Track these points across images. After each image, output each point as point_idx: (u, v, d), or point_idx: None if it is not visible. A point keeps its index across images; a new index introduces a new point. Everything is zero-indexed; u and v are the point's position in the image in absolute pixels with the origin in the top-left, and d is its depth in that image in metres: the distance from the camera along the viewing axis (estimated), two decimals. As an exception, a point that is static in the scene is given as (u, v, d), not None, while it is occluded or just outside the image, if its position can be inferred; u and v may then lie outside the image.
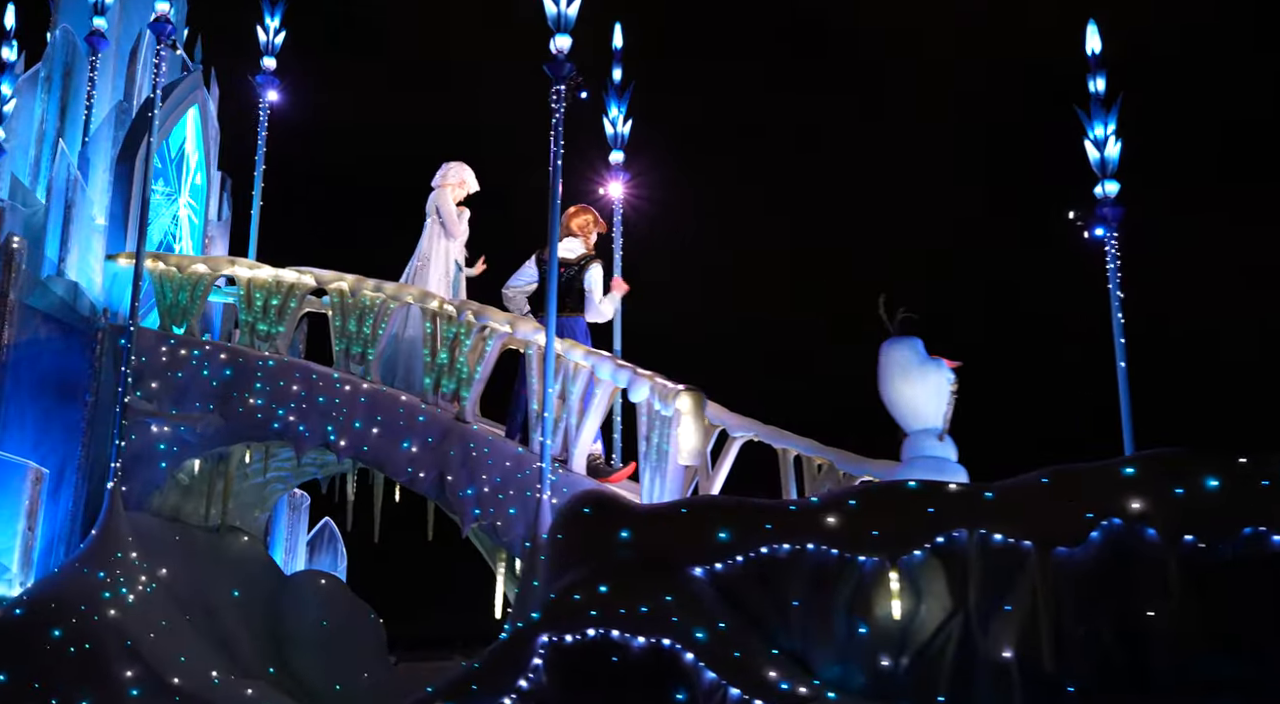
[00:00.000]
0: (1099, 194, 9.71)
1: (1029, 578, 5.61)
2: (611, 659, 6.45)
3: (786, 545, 6.20)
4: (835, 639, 6.05)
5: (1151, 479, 5.52)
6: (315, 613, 10.83)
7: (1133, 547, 5.43)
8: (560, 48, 9.02)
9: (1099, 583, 5.48)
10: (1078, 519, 5.51)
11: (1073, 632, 5.46)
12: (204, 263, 10.99)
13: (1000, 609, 5.66)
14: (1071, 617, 5.48)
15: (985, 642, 5.72)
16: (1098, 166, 9.76)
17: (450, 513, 9.68)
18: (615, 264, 11.57)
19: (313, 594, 11.02)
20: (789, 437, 9.33)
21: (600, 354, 8.91)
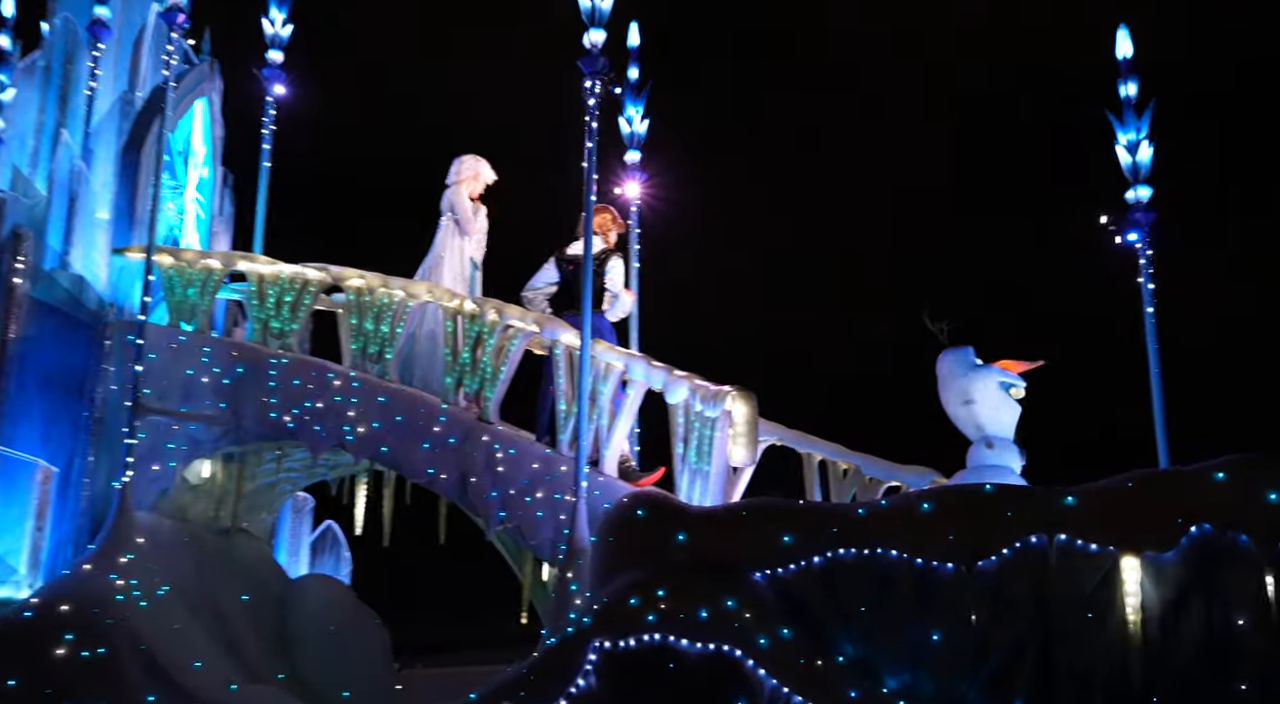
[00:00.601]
0: (1130, 199, 9.65)
1: (1113, 585, 5.49)
2: (668, 666, 6.28)
3: (853, 549, 6.06)
4: (904, 646, 5.91)
5: (1244, 484, 5.42)
6: (321, 618, 10.61)
7: (1224, 553, 5.33)
8: (594, 42, 8.86)
9: (1187, 590, 5.37)
10: (1166, 524, 5.41)
11: (1157, 641, 5.34)
12: (215, 258, 10.74)
13: (1083, 616, 5.54)
14: (1157, 625, 5.36)
15: (1065, 650, 5.60)
16: (1129, 171, 9.71)
17: (473, 515, 9.48)
18: (632, 264, 11.41)
19: (319, 599, 10.81)
20: (814, 441, 9.23)
21: (632, 354, 8.75)
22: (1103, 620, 5.54)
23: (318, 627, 10.56)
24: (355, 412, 9.71)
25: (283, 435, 10.01)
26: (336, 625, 10.61)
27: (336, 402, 9.82)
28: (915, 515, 5.94)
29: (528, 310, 9.52)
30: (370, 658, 10.67)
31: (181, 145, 11.83)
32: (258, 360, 10.14)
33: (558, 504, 8.72)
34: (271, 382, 10.05)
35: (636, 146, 11.82)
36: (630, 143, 11.81)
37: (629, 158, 11.80)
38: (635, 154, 11.80)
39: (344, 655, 10.51)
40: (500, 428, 9.31)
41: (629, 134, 11.84)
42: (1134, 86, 9.84)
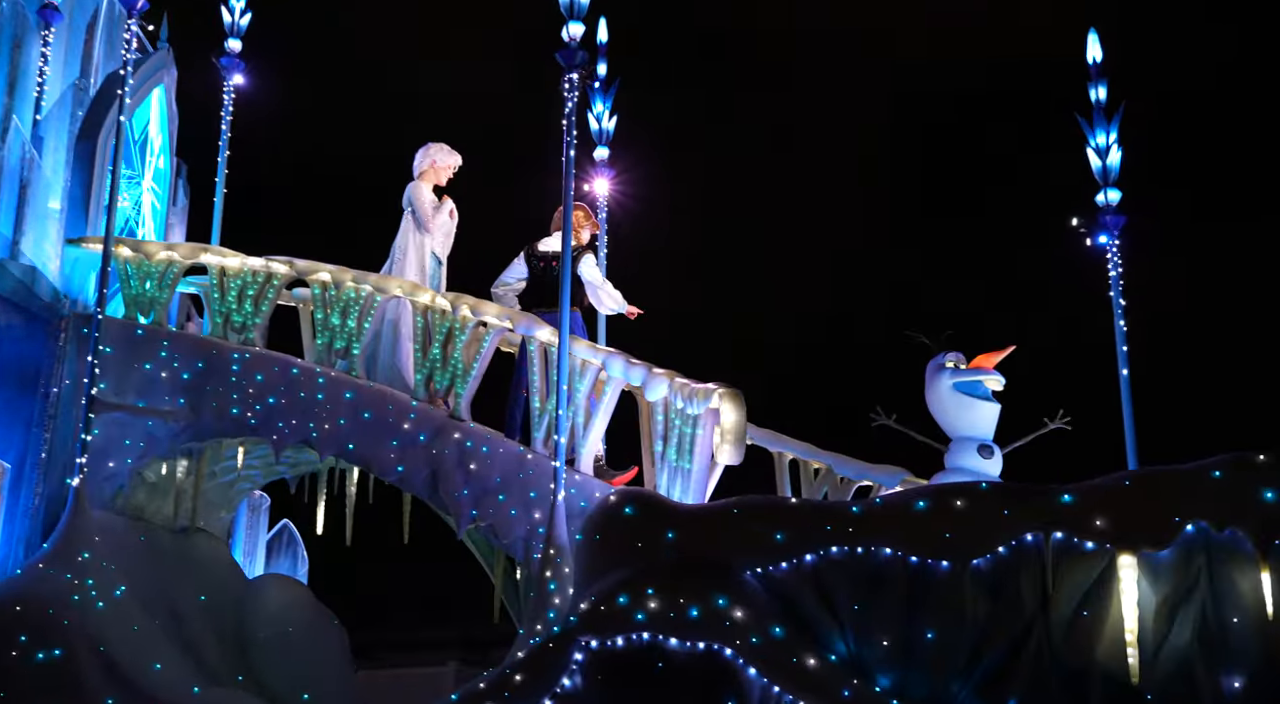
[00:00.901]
0: (1100, 202, 9.76)
1: (1109, 583, 5.53)
2: (657, 665, 6.23)
3: (846, 547, 6.05)
4: (898, 645, 5.91)
5: (1240, 483, 5.47)
6: (280, 619, 10.39)
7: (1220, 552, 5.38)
8: (573, 35, 8.79)
9: (1183, 588, 5.41)
10: (1163, 523, 5.45)
11: (1153, 639, 5.37)
12: (175, 249, 10.51)
13: (1079, 614, 5.57)
14: (1152, 623, 5.40)
15: (1060, 648, 5.63)
16: (1099, 175, 9.82)
17: (444, 514, 9.36)
18: (601, 261, 11.36)
19: (277, 600, 10.58)
20: (785, 440, 9.21)
21: (610, 351, 8.68)
22: (1099, 618, 5.57)
23: (276, 628, 10.35)
24: (321, 408, 9.55)
25: (244, 432, 9.81)
26: (295, 627, 10.40)
27: (301, 398, 9.64)
28: (911, 514, 5.94)
29: (500, 306, 9.41)
30: (329, 660, 10.48)
31: (138, 134, 11.57)
32: (219, 355, 9.93)
33: (531, 503, 8.62)
34: (233, 377, 9.84)
35: (605, 143, 11.77)
36: (599, 139, 11.75)
37: (598, 154, 11.74)
38: (604, 150, 11.75)
39: (303, 657, 10.31)
40: (472, 425, 9.20)
41: (598, 131, 11.78)
42: (1104, 90, 9.95)
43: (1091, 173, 9.90)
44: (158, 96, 11.73)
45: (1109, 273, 9.59)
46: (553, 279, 9.70)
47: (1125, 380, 9.20)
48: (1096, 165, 9.83)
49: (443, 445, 9.10)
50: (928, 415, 8.32)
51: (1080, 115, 9.97)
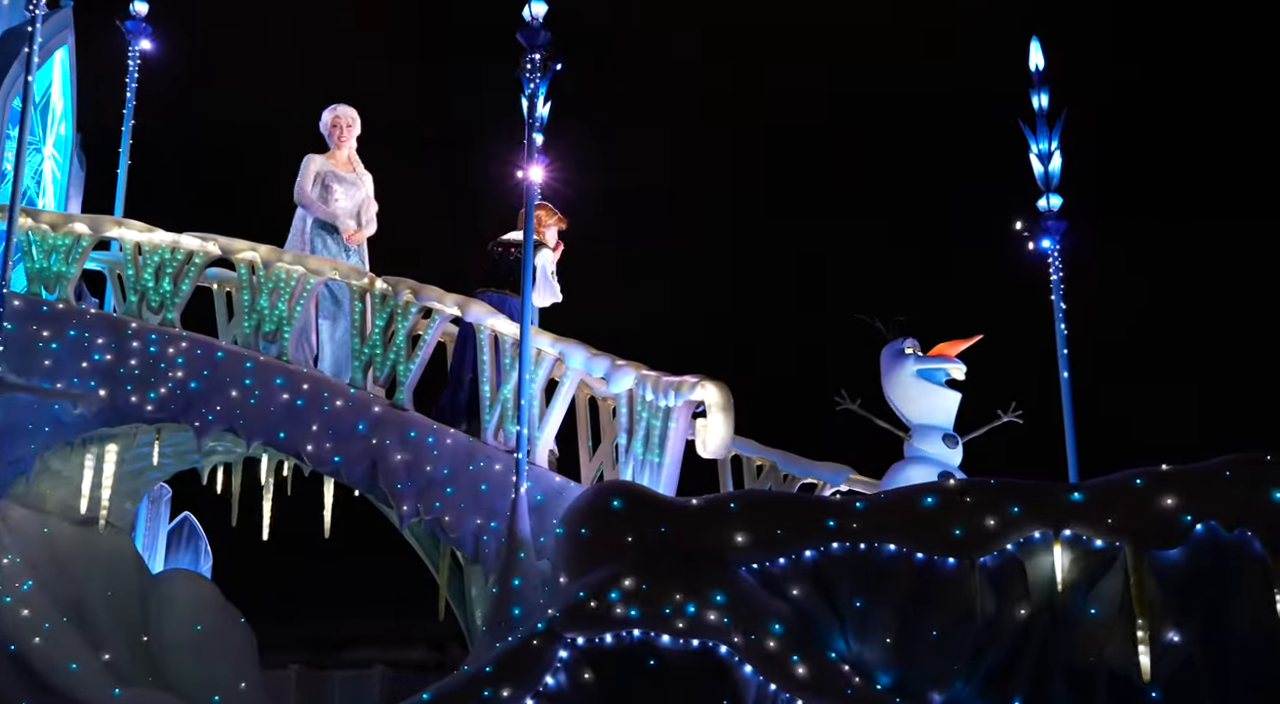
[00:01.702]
0: (1042, 208, 10.01)
1: (1117, 580, 5.65)
2: (648, 662, 6.14)
3: (849, 543, 6.06)
4: (901, 642, 5.93)
5: (1250, 482, 5.64)
6: (187, 617, 9.96)
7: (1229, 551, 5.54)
8: (535, 14, 8.62)
9: (1192, 588, 5.56)
10: (1172, 521, 5.59)
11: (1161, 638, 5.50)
12: (84, 222, 9.96)
13: (1085, 612, 5.68)
14: (1160, 622, 5.53)
15: (1067, 645, 5.73)
16: (1041, 180, 10.07)
17: (384, 507, 9.08)
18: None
19: (184, 596, 10.13)
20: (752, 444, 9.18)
21: (568, 341, 8.54)
22: (1106, 617, 5.69)
23: (184, 626, 9.91)
24: (249, 394, 9.16)
25: (163, 418, 9.34)
26: (204, 625, 9.98)
27: (227, 382, 9.23)
28: (917, 509, 5.97)
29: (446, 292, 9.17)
30: (238, 660, 10.08)
31: (39, 97, 10.95)
32: (136, 336, 9.45)
33: (482, 496, 8.43)
34: (151, 359, 9.37)
35: (539, 130, 11.55)
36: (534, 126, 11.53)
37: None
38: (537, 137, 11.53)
39: (212, 657, 9.89)
40: (416, 415, 8.95)
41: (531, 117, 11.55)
42: (1045, 97, 10.21)
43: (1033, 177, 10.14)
44: (60, 59, 11.13)
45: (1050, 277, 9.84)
46: (509, 264, 9.53)
47: (1066, 383, 9.45)
48: (1039, 171, 10.08)
49: (383, 435, 8.82)
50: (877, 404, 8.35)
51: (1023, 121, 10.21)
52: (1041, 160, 10.04)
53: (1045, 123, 10.08)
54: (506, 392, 8.65)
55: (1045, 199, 9.98)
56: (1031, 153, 10.08)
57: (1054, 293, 9.79)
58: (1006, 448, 8.99)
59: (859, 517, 6.03)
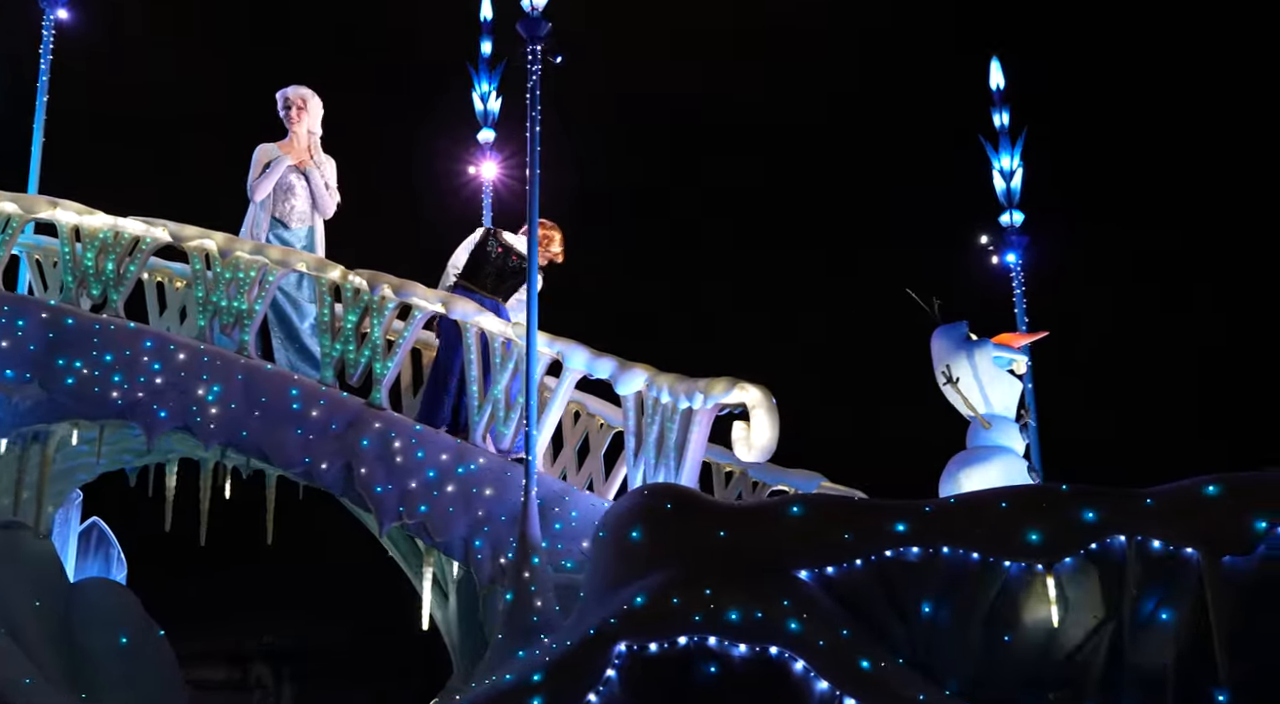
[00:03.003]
0: (1005, 223, 10.32)
1: (1189, 587, 5.81)
2: (709, 669, 6.05)
3: (918, 548, 6.09)
4: (970, 648, 5.96)
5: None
6: (110, 627, 9.41)
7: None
8: (535, 4, 8.45)
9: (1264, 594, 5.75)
10: (1246, 528, 5.77)
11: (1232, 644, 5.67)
12: (13, 201, 9.32)
13: (1157, 618, 5.83)
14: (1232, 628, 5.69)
15: (1138, 651, 5.85)
16: (1003, 197, 10.38)
17: (360, 511, 8.72)
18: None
19: (105, 606, 9.56)
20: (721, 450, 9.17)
21: (567, 341, 8.38)
22: (1178, 623, 5.84)
23: (108, 638, 9.34)
24: (206, 390, 8.69)
25: (108, 415, 8.77)
26: (128, 637, 9.44)
27: (181, 377, 8.74)
28: (989, 513, 6.04)
29: (429, 288, 8.89)
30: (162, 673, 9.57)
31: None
32: (77, 326, 8.88)
33: (474, 499, 8.18)
34: (94, 351, 8.81)
35: (491, 125, 11.39)
36: (484, 121, 11.36)
37: (483, 137, 11.34)
38: (489, 132, 11.36)
39: (138, 670, 9.37)
40: (395, 415, 8.64)
41: (482, 112, 11.38)
42: (1006, 115, 10.54)
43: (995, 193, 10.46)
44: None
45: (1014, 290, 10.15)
46: (510, 269, 9.29)
47: (1029, 394, 9.75)
48: (1000, 188, 10.39)
49: (359, 436, 8.47)
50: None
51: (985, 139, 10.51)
52: (1004, 177, 10.33)
53: (1008, 139, 10.36)
54: (497, 392, 8.43)
55: (1008, 214, 10.26)
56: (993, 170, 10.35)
57: (1017, 306, 10.08)
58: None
59: (930, 521, 6.06)
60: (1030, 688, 5.90)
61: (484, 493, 8.18)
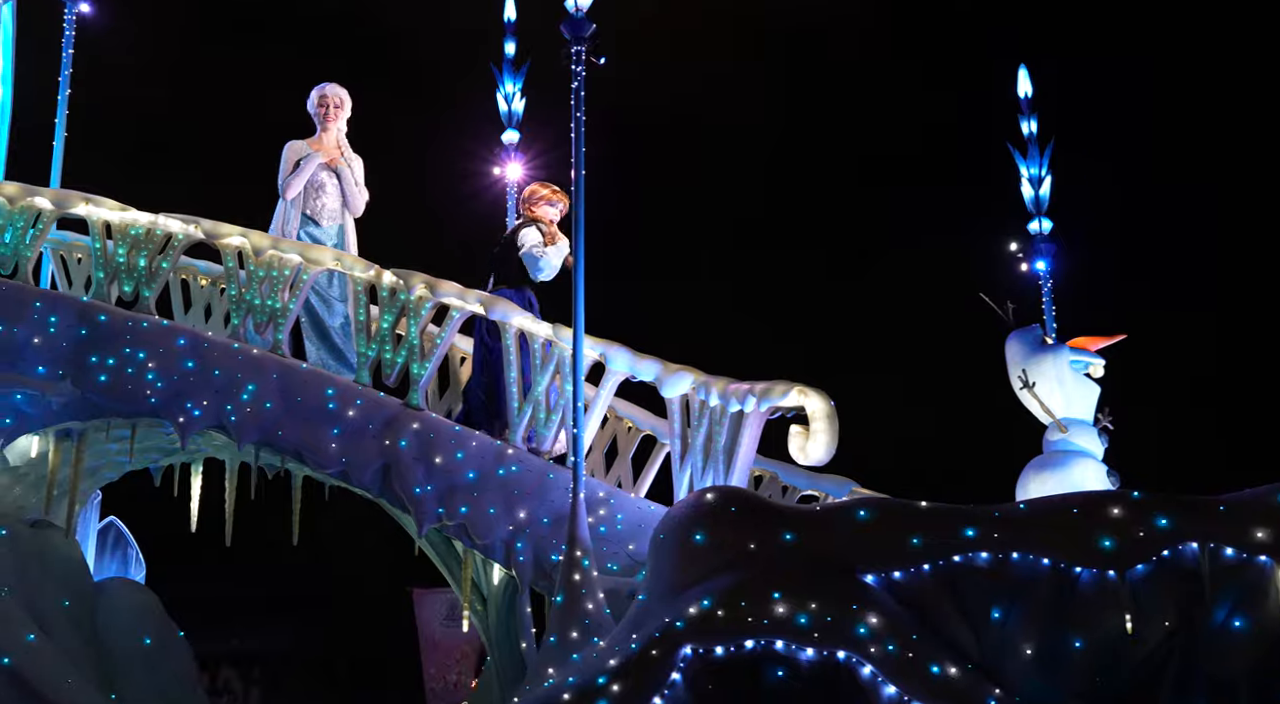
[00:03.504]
0: (1034, 230, 10.28)
1: (1263, 594, 5.76)
2: (776, 673, 5.97)
3: (987, 553, 6.02)
4: (1040, 654, 5.91)
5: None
6: (134, 629, 9.27)
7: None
8: (580, 5, 8.35)
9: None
10: (1323, 536, 5.74)
11: None
12: (45, 196, 9.14)
13: (1230, 626, 5.78)
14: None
15: (1211, 659, 5.81)
16: (1031, 205, 10.34)
17: (398, 512, 8.60)
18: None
19: (129, 607, 9.43)
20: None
21: (608, 342, 8.27)
22: (1252, 631, 5.79)
23: (133, 638, 9.22)
24: (241, 389, 8.54)
25: (143, 413, 8.62)
26: (151, 638, 9.29)
27: (216, 376, 8.59)
28: (1062, 519, 5.98)
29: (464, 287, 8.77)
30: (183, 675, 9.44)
31: (-18, 58, 10.01)
32: (111, 322, 8.72)
33: (516, 501, 8.07)
34: (127, 348, 8.66)
35: (515, 126, 11.27)
36: (508, 122, 11.24)
37: (506, 138, 11.22)
38: (514, 133, 11.24)
39: (161, 671, 9.24)
40: (433, 416, 8.51)
41: (506, 113, 11.27)
42: (1035, 124, 10.50)
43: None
44: (5, 15, 10.19)
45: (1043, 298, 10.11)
46: (499, 254, 9.23)
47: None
48: (1029, 195, 10.34)
49: (397, 437, 8.34)
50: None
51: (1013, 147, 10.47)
52: (1032, 184, 10.29)
53: (1036, 147, 10.32)
54: (538, 393, 8.32)
55: (1037, 222, 10.21)
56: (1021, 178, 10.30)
57: (1045, 313, 10.03)
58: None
59: (1000, 526, 6.00)
60: (1101, 695, 5.83)
61: (526, 495, 8.07)
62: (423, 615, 15.30)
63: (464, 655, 15.37)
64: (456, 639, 15.12)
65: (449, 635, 15.23)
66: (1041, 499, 6.32)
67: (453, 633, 15.12)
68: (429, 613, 15.32)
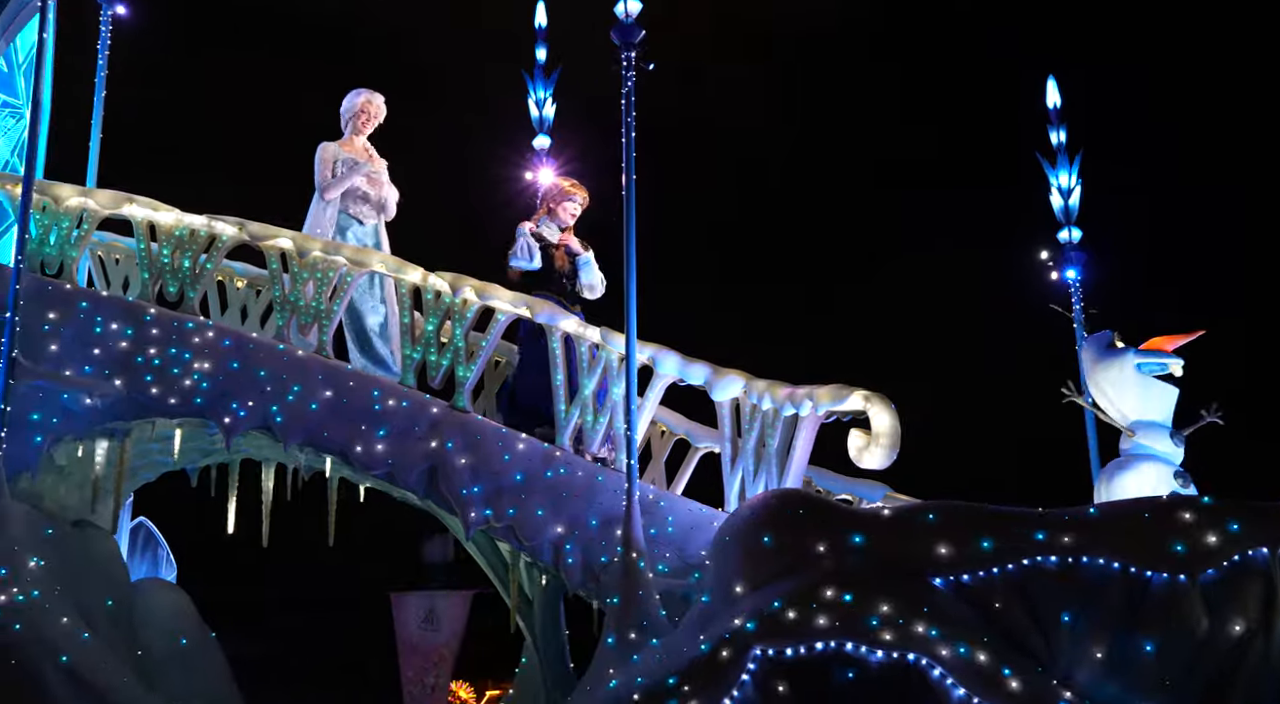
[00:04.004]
0: (1063, 239, 10.29)
1: (1334, 599, 5.75)
2: (846, 674, 5.92)
3: (1056, 557, 5.99)
4: (1111, 657, 5.88)
5: None
6: (172, 629, 9.16)
7: None
8: (629, 11, 8.30)
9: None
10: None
11: None
12: (89, 196, 9.04)
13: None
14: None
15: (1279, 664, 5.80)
16: (1061, 214, 10.35)
17: (444, 513, 8.53)
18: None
19: (165, 607, 9.33)
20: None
21: (656, 347, 8.21)
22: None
23: (169, 638, 9.10)
24: (286, 390, 8.46)
25: (187, 413, 8.53)
26: (187, 638, 9.17)
27: (261, 377, 8.51)
28: (1133, 524, 5.96)
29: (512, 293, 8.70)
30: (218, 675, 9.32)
31: (24, 59, 9.88)
32: (157, 323, 8.62)
33: (563, 503, 8.01)
34: (173, 349, 8.57)
35: (545, 131, 11.21)
36: (539, 127, 11.19)
37: (538, 143, 11.16)
38: (545, 139, 11.19)
39: (196, 672, 9.12)
40: (480, 418, 8.43)
41: (537, 118, 11.21)
42: (1064, 134, 10.50)
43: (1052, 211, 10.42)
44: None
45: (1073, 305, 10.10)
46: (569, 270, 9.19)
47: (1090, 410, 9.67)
48: (1058, 205, 10.35)
49: (444, 438, 8.28)
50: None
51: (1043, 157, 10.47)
52: (1062, 195, 10.29)
53: (1066, 157, 10.34)
54: (585, 396, 8.25)
55: (1066, 231, 10.23)
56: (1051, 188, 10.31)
57: (1075, 321, 10.02)
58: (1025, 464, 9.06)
59: (1071, 530, 5.96)
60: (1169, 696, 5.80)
61: (574, 497, 8.03)
62: (400, 619, 15.34)
63: (441, 659, 15.39)
64: (434, 642, 15.17)
65: (426, 639, 15.25)
66: (1111, 503, 6.31)
67: (430, 636, 15.18)
68: (407, 616, 15.35)
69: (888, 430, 7.13)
